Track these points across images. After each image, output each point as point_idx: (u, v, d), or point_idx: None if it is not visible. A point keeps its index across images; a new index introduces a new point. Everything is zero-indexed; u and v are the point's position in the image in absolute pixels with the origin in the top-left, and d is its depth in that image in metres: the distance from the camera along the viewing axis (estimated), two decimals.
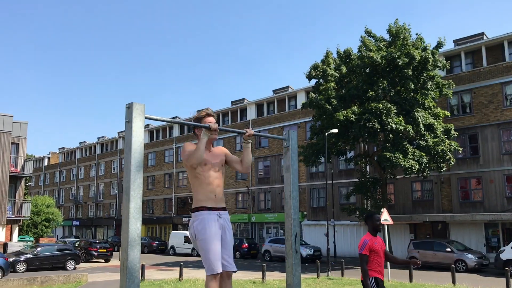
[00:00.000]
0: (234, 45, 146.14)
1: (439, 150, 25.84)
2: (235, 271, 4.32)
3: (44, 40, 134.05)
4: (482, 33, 33.23)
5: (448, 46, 34.88)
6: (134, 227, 3.47)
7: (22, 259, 24.60)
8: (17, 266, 24.06)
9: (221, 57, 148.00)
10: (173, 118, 49.27)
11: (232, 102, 50.00)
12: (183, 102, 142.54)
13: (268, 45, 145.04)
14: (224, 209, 4.38)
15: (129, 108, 3.64)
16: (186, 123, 4.08)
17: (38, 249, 25.87)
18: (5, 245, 30.48)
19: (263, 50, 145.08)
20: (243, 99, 49.24)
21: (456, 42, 34.34)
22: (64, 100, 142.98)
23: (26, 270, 24.32)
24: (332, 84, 28.28)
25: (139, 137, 3.60)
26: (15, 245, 31.02)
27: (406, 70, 25.99)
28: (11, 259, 23.42)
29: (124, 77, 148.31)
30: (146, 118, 3.72)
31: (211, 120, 4.35)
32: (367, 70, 27.36)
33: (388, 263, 19.35)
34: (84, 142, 69.37)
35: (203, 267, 4.13)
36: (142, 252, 42.15)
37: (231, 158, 4.57)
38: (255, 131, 4.60)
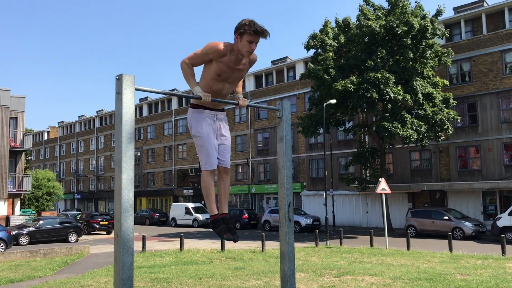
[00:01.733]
0: (233, 15, 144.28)
1: (438, 119, 25.82)
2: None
3: (41, 9, 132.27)
4: (483, 0, 32.75)
5: (448, 13, 34.57)
6: (127, 197, 3.49)
7: (24, 232, 24.88)
8: (20, 239, 24.36)
9: (220, 28, 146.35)
10: (172, 90, 49.00)
11: None
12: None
13: (266, 15, 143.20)
14: (222, 110, 4.32)
15: (119, 79, 3.61)
16: (177, 94, 4.04)
17: (40, 222, 26.11)
18: (7, 219, 30.82)
19: (261, 20, 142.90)
20: None
21: (456, 9, 33.90)
22: (62, 75, 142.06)
23: (29, 243, 24.64)
24: (331, 54, 28.04)
25: (129, 109, 3.59)
26: (17, 218, 31.34)
27: (405, 39, 25.73)
28: (13, 232, 23.67)
29: (122, 49, 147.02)
30: (136, 89, 3.69)
31: (251, 39, 3.81)
32: (366, 40, 27.09)
33: (386, 231, 19.59)
34: (83, 115, 69.21)
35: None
36: (144, 224, 42.64)
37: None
38: (253, 103, 4.55)
